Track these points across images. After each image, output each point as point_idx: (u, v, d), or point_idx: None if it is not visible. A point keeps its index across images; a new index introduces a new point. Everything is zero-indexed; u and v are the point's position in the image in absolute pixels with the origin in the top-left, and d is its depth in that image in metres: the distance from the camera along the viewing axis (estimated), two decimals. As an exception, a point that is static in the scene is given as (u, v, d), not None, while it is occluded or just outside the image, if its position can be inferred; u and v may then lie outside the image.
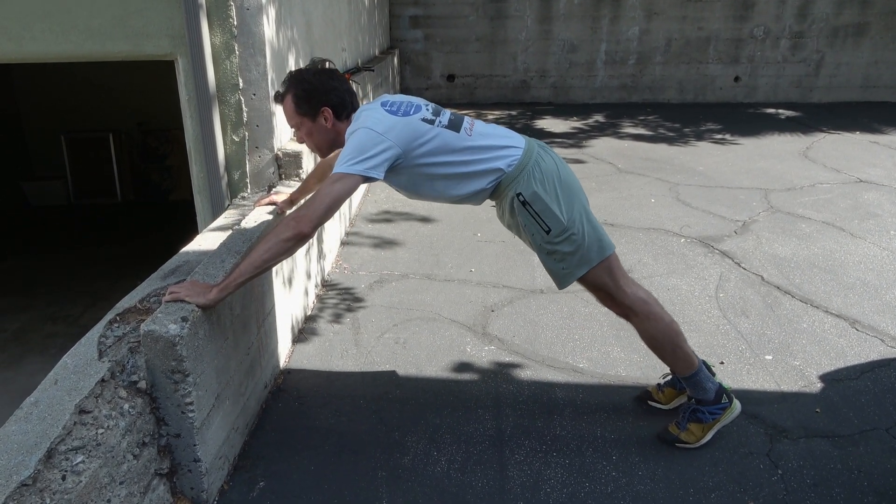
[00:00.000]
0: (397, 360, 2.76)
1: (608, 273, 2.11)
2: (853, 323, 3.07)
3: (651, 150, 6.76)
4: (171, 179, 7.72)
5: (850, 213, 4.63)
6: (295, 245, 1.83)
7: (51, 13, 2.72)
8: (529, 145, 2.10)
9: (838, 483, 2.07)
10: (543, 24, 9.42)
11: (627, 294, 2.12)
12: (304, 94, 2.04)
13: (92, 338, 1.78)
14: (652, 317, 2.14)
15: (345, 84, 2.10)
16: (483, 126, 2.12)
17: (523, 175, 2.03)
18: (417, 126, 1.99)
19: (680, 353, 2.16)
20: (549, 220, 2.03)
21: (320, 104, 2.05)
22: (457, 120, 2.08)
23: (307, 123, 2.08)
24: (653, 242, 4.09)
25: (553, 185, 2.04)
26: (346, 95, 2.08)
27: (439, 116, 2.05)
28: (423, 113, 2.03)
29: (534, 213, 2.03)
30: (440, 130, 2.01)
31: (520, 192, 2.03)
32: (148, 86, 7.03)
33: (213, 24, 2.74)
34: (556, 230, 2.04)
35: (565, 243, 2.05)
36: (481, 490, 2.03)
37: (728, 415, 2.19)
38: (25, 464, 1.31)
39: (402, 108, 2.02)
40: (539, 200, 2.02)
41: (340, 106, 2.07)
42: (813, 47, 9.56)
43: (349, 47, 5.32)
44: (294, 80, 2.07)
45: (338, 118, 2.08)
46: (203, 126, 2.80)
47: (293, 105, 2.06)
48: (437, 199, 2.17)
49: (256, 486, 2.03)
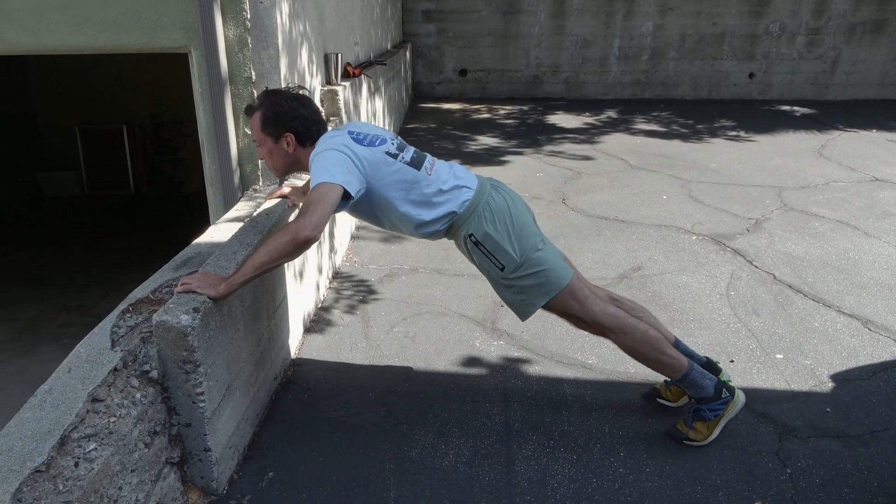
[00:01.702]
0: (406, 354, 2.77)
1: (572, 297, 2.14)
2: (866, 323, 3.04)
3: (664, 146, 6.72)
4: (184, 171, 7.77)
5: (864, 212, 4.58)
6: (295, 249, 1.84)
7: (66, 5, 2.74)
8: (482, 186, 2.15)
9: (848, 483, 2.05)
10: (556, 19, 9.37)
11: (597, 313, 2.15)
12: (273, 116, 2.09)
13: (105, 327, 1.80)
14: (627, 329, 2.15)
15: (314, 114, 2.16)
16: (442, 166, 2.17)
17: (474, 216, 2.09)
18: (382, 158, 2.05)
19: (665, 358, 2.17)
20: (502, 257, 2.09)
21: (285, 128, 2.10)
22: (419, 158, 2.13)
23: (269, 143, 2.13)
24: (664, 239, 4.08)
25: (504, 223, 2.09)
26: (312, 125, 2.13)
27: (402, 152, 2.11)
28: (387, 146, 2.08)
29: (486, 251, 2.10)
30: (402, 166, 2.07)
31: (471, 233, 2.10)
32: (161, 78, 7.08)
33: (227, 17, 2.75)
34: (509, 266, 2.09)
35: (521, 278, 2.11)
36: (488, 484, 2.03)
37: (732, 408, 2.19)
38: (39, 450, 1.33)
39: (368, 138, 2.07)
40: (490, 240, 2.08)
41: (305, 134, 2.12)
42: (829, 44, 9.45)
43: (361, 41, 5.32)
44: (266, 99, 2.12)
45: (300, 144, 2.13)
46: (216, 118, 2.82)
47: (259, 123, 2.11)
48: (395, 231, 2.24)
49: (266, 477, 2.05)
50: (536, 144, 6.78)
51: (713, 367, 2.33)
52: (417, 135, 7.23)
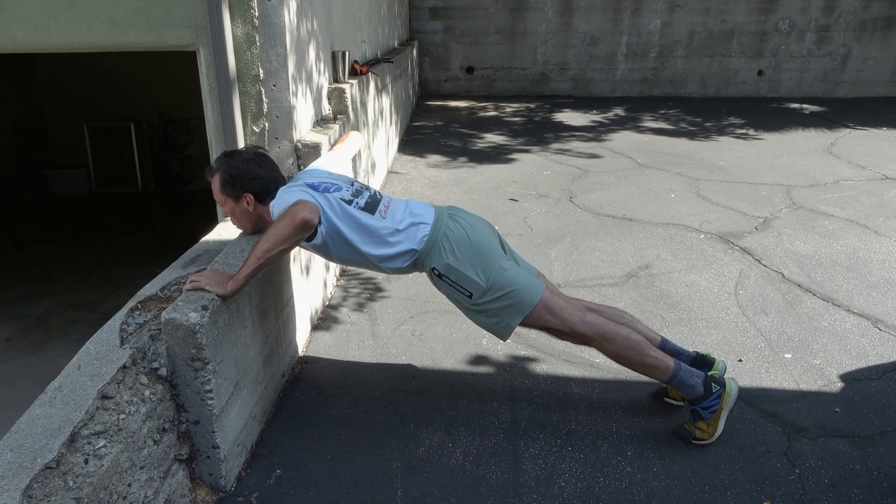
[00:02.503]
0: (413, 352, 2.77)
1: (547, 311, 2.15)
2: (875, 322, 3.02)
3: (672, 144, 6.70)
4: (191, 169, 7.79)
5: (874, 211, 4.55)
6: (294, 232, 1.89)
7: (75, 4, 2.74)
8: (438, 219, 2.19)
9: (857, 484, 2.04)
10: (564, 17, 9.34)
11: (575, 323, 2.15)
12: (230, 178, 2.14)
13: (114, 325, 1.81)
14: (608, 335, 2.16)
15: (273, 172, 2.21)
16: (396, 207, 2.22)
17: (434, 250, 2.14)
18: (336, 204, 2.11)
19: (649, 360, 2.17)
20: (468, 285, 2.12)
21: (243, 190, 2.15)
22: (373, 202, 2.19)
23: (230, 203, 2.19)
24: (672, 238, 4.06)
25: (465, 251, 2.13)
26: (270, 184, 2.17)
27: (357, 198, 2.17)
28: (342, 193, 2.16)
29: (451, 282, 2.14)
30: (357, 212, 2.13)
31: (433, 267, 2.14)
32: (169, 76, 7.10)
33: (235, 15, 2.75)
34: (477, 293, 2.12)
35: (491, 302, 2.13)
36: (496, 482, 2.03)
37: (727, 400, 2.18)
38: (49, 447, 1.34)
39: (323, 186, 2.14)
40: (453, 271, 2.12)
41: (263, 193, 2.17)
42: (839, 41, 9.39)
43: (369, 38, 5.31)
44: (224, 163, 2.17)
45: (259, 202, 2.18)
46: (224, 116, 2.82)
47: (219, 186, 2.16)
48: (362, 268, 2.31)
49: (273, 474, 2.05)
50: (543, 142, 6.77)
51: (704, 361, 2.33)
52: (424, 132, 7.22)
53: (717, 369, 2.33)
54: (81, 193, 7.54)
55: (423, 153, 6.27)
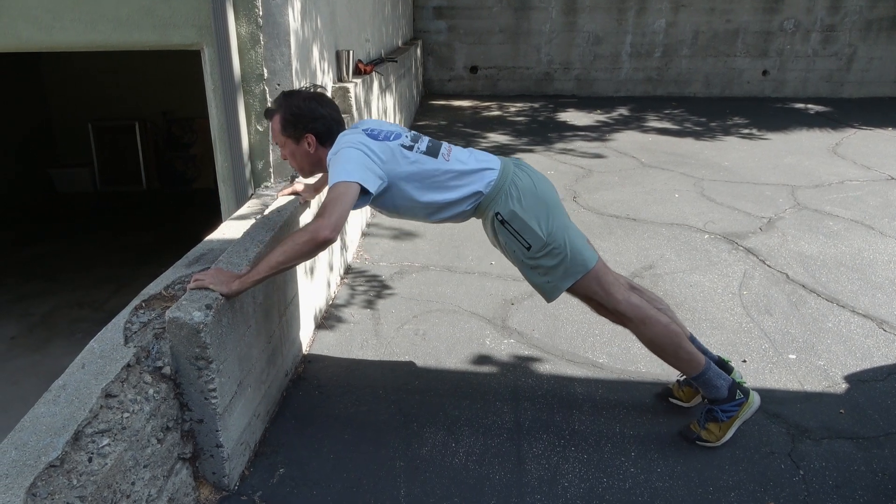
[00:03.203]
0: (417, 352, 2.77)
1: (596, 282, 2.12)
2: (881, 323, 3.01)
3: (676, 144, 6.68)
4: (196, 168, 7.80)
5: (879, 211, 4.53)
6: (313, 249, 1.85)
7: (80, 3, 2.75)
8: (505, 166, 2.14)
9: (861, 485, 2.03)
10: (568, 16, 9.33)
11: (619, 301, 2.12)
12: (292, 118, 2.10)
13: (118, 323, 1.81)
14: (648, 321, 2.13)
15: (334, 112, 2.16)
16: (460, 151, 2.17)
17: (500, 195, 2.09)
18: (397, 150, 2.05)
19: (683, 354, 2.14)
20: (529, 236, 2.07)
21: (305, 130, 2.10)
22: (434, 146, 2.14)
23: (290, 145, 2.14)
24: (676, 238, 4.05)
25: (531, 202, 2.08)
26: (332, 124, 2.13)
27: (418, 143, 2.12)
28: (402, 139, 2.10)
29: (513, 230, 2.09)
30: (419, 156, 2.07)
31: (498, 212, 2.09)
32: (173, 75, 7.11)
33: (240, 15, 2.76)
34: (536, 246, 2.08)
35: (547, 258, 2.09)
36: (499, 482, 2.03)
37: (745, 410, 2.17)
38: (54, 445, 1.34)
39: (383, 133, 2.08)
40: (517, 219, 2.07)
41: (326, 134, 2.13)
42: (845, 41, 9.35)
43: (372, 38, 5.32)
44: (284, 102, 2.12)
45: (321, 144, 2.13)
46: (228, 115, 2.83)
47: (279, 126, 2.12)
48: (419, 220, 2.23)
49: (277, 473, 2.06)
50: (547, 142, 6.76)
51: (725, 367, 2.31)
52: (428, 132, 7.22)
53: (737, 376, 2.32)
54: (86, 192, 7.56)
55: (426, 153, 6.25)
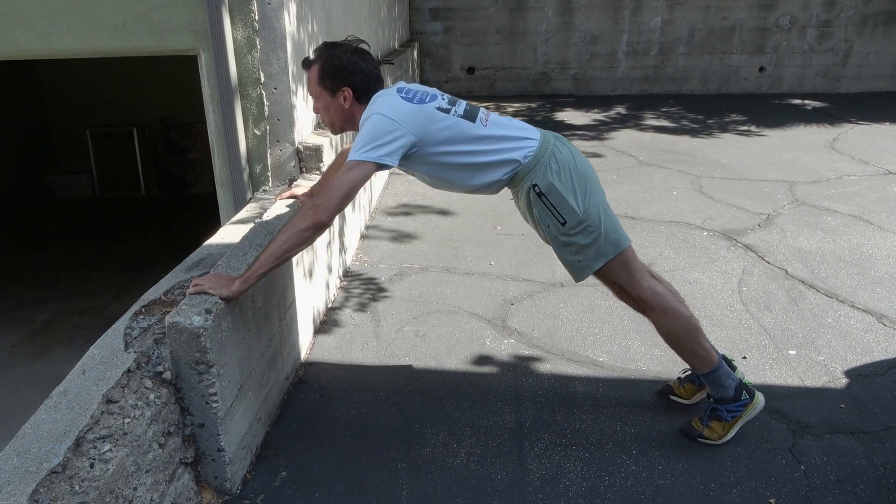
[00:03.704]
0: (417, 353, 2.77)
1: (624, 267, 2.09)
2: (880, 318, 3.01)
3: (673, 142, 6.68)
4: (194, 173, 7.81)
5: (878, 206, 4.53)
6: (314, 234, 1.85)
7: (77, 9, 2.76)
8: (545, 137, 2.08)
9: (863, 480, 2.04)
10: (564, 16, 9.34)
11: (644, 288, 2.10)
12: (331, 69, 2.02)
13: (118, 329, 1.81)
14: (669, 312, 2.10)
15: (374, 69, 2.08)
16: (498, 118, 2.10)
17: (539, 166, 2.01)
18: (432, 114, 1.97)
19: (699, 349, 2.13)
20: (565, 211, 2.01)
21: (343, 83, 2.03)
22: (472, 110, 2.06)
23: (325, 97, 2.07)
24: (675, 236, 4.05)
25: (569, 176, 2.01)
26: (371, 81, 2.06)
27: (455, 106, 2.04)
28: (438, 101, 2.01)
29: (549, 204, 2.01)
30: (455, 120, 1.99)
31: (535, 184, 2.01)
32: (171, 80, 7.11)
33: (236, 19, 2.76)
34: (571, 222, 2.01)
35: (581, 235, 2.03)
36: (500, 482, 2.03)
37: (750, 411, 2.17)
38: (55, 451, 1.35)
39: (418, 95, 2.00)
40: (555, 192, 2.00)
41: (363, 90, 2.05)
42: (841, 36, 9.36)
43: (369, 40, 5.32)
44: (325, 52, 2.05)
45: (357, 100, 2.06)
46: (225, 120, 2.83)
47: (317, 76, 2.04)
48: (452, 188, 2.15)
49: (279, 476, 2.06)
50: (545, 141, 6.75)
51: (729, 366, 2.31)
52: (426, 133, 7.21)
53: (739, 375, 2.31)
54: (85, 198, 7.56)
55: (424, 154, 6.26)
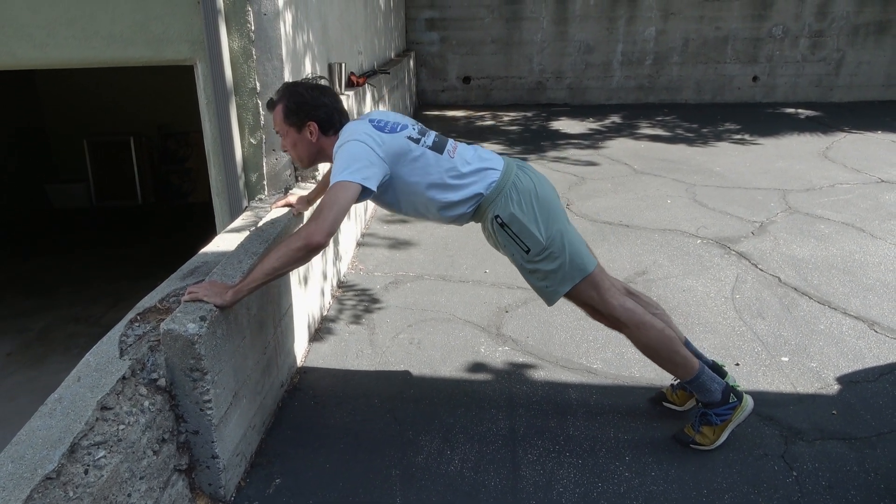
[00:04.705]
0: (412, 360, 2.78)
1: (593, 288, 2.14)
2: (872, 324, 3.04)
3: (668, 150, 6.73)
4: (191, 182, 7.82)
5: (870, 214, 4.57)
6: (306, 255, 1.87)
7: (74, 20, 2.78)
8: (508, 167, 2.14)
9: (854, 485, 2.05)
10: (559, 26, 9.41)
11: (615, 306, 2.14)
12: (295, 106, 2.10)
13: (113, 336, 1.82)
14: (642, 326, 2.14)
15: (336, 102, 2.17)
16: (465, 149, 2.18)
17: (500, 197, 2.08)
18: (404, 143, 2.05)
19: (677, 357, 2.16)
20: (528, 239, 2.08)
21: (307, 118, 2.11)
22: (441, 142, 2.14)
23: (292, 134, 2.14)
24: (668, 243, 4.08)
25: (530, 205, 2.08)
26: (334, 113, 2.14)
27: (425, 136, 2.12)
28: (409, 131, 2.09)
29: (512, 233, 2.09)
30: (424, 150, 2.07)
31: (498, 215, 2.09)
32: (168, 90, 7.14)
33: (232, 29, 2.79)
34: (535, 249, 2.08)
35: (546, 262, 2.10)
36: (494, 489, 2.04)
37: (739, 413, 2.18)
38: (50, 458, 1.35)
39: (390, 125, 2.08)
40: (516, 221, 2.07)
41: (327, 122, 2.13)
42: (833, 46, 9.45)
43: (365, 50, 5.36)
44: (287, 91, 2.14)
45: (323, 133, 2.13)
46: (221, 129, 2.85)
47: (282, 115, 2.13)
48: (420, 217, 2.23)
49: (273, 483, 2.06)
50: (540, 150, 6.80)
51: (719, 371, 2.33)
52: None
53: (730, 380, 2.33)
54: (82, 207, 7.57)
55: (420, 163, 6.29)
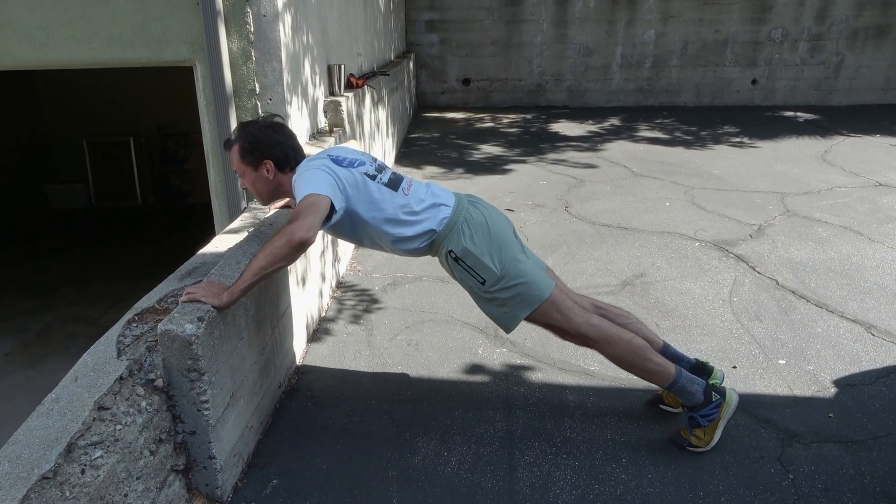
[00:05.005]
0: (409, 362, 2.79)
1: (555, 309, 2.17)
2: (869, 328, 3.04)
3: (667, 153, 6.74)
4: (190, 182, 7.83)
5: (868, 217, 4.58)
6: (291, 252, 1.88)
7: (74, 21, 2.79)
8: (459, 203, 2.21)
9: (850, 488, 2.06)
10: (559, 28, 9.42)
11: (580, 324, 2.17)
12: (249, 146, 2.16)
13: (111, 337, 1.82)
14: (611, 340, 2.17)
15: (291, 140, 2.23)
16: (419, 186, 2.25)
17: (453, 233, 2.15)
18: (360, 179, 2.12)
19: (651, 365, 2.18)
20: (482, 271, 2.13)
21: (262, 157, 2.16)
22: (396, 179, 2.21)
23: (250, 172, 2.20)
24: (667, 246, 4.09)
25: (483, 237, 2.14)
26: (289, 151, 2.20)
27: (381, 174, 2.18)
28: (366, 168, 2.16)
29: (467, 266, 2.15)
30: (379, 187, 2.14)
31: (451, 249, 2.15)
32: (167, 91, 7.16)
33: (231, 31, 2.80)
34: (490, 280, 2.14)
35: (502, 291, 2.15)
36: (491, 490, 2.05)
37: (726, 410, 2.20)
38: (46, 457, 1.36)
39: (347, 160, 2.15)
40: (470, 255, 2.13)
41: (283, 160, 2.18)
42: (832, 49, 9.47)
43: (365, 52, 5.37)
44: (242, 132, 2.19)
45: (280, 170, 2.19)
46: (220, 130, 2.86)
47: (238, 155, 2.18)
48: (377, 249, 2.30)
49: (270, 484, 2.07)
50: (540, 152, 6.81)
51: (704, 368, 2.34)
52: (421, 144, 7.27)
53: (716, 378, 2.35)
54: (81, 208, 7.57)
55: (419, 165, 6.31)
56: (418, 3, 9.30)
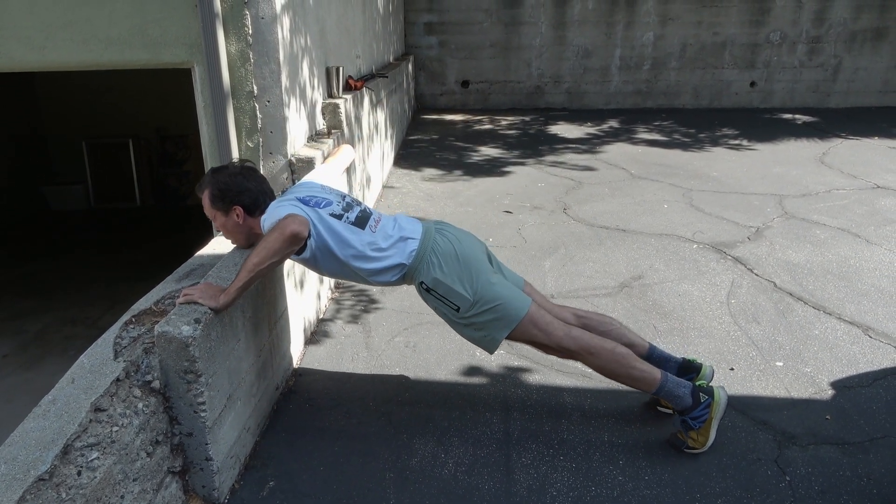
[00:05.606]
0: (407, 364, 2.79)
1: (534, 326, 2.18)
2: (866, 330, 3.05)
3: (665, 155, 6.75)
4: (189, 184, 7.83)
5: (866, 220, 4.59)
6: (283, 244, 1.93)
7: (72, 23, 2.79)
8: (426, 234, 2.23)
9: (847, 490, 2.06)
10: (558, 30, 9.44)
11: (561, 337, 2.18)
12: (219, 193, 2.18)
13: (108, 338, 1.83)
14: (593, 350, 2.18)
15: (261, 185, 2.25)
16: (387, 221, 2.28)
17: (422, 264, 2.18)
18: (327, 219, 2.15)
19: (636, 373, 2.19)
20: (455, 299, 2.15)
21: (232, 203, 2.19)
22: (364, 217, 2.24)
23: (220, 217, 2.22)
24: (665, 248, 4.09)
25: (452, 266, 2.16)
26: (258, 196, 2.22)
27: (348, 213, 2.21)
28: (332, 208, 2.20)
29: (439, 296, 2.17)
30: (346, 226, 2.17)
31: (422, 281, 2.18)
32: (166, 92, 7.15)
33: (229, 33, 2.80)
34: (464, 306, 2.16)
35: (478, 315, 2.17)
36: (488, 492, 2.05)
37: (716, 409, 2.20)
38: (43, 459, 1.36)
39: (314, 200, 2.19)
40: (441, 285, 2.15)
41: (252, 205, 2.21)
42: (830, 52, 9.48)
43: (363, 54, 5.37)
44: (211, 179, 2.21)
45: (250, 215, 2.21)
46: (219, 132, 2.86)
47: (209, 201, 2.20)
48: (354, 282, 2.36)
49: (267, 486, 2.07)
50: (538, 154, 6.82)
51: (691, 366, 2.35)
52: (420, 146, 7.27)
53: (704, 375, 2.36)
54: (80, 209, 7.57)
55: (418, 167, 6.31)
56: (417, 5, 9.31)
